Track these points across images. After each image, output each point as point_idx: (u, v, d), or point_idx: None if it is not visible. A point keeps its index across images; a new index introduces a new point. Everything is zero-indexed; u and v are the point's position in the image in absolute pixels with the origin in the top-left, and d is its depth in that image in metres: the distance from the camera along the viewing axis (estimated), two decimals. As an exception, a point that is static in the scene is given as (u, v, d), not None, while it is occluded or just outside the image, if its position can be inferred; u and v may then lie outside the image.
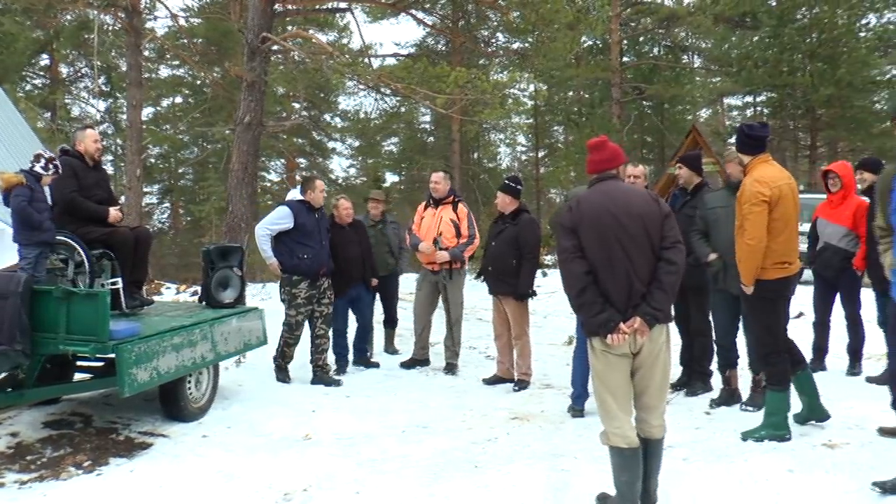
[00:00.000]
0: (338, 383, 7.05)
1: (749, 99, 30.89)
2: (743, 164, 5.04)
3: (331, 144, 32.76)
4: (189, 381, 5.71)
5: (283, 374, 7.07)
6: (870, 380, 6.46)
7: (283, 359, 7.08)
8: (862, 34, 22.78)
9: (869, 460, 4.37)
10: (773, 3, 23.57)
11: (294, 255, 6.84)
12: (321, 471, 4.51)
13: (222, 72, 19.92)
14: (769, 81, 23.06)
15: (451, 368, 7.55)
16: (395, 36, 62.73)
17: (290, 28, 18.60)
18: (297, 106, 27.48)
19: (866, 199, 6.24)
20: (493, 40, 28.94)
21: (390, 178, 32.93)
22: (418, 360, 7.82)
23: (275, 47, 12.41)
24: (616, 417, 3.69)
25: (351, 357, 7.86)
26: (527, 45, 24.42)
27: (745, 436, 4.97)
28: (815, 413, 5.16)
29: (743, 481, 4.13)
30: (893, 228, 3.76)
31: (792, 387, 5.06)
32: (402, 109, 27.87)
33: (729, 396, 5.92)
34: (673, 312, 3.88)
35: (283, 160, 29.56)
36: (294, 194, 7.35)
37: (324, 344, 7.17)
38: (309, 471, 4.51)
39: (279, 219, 6.92)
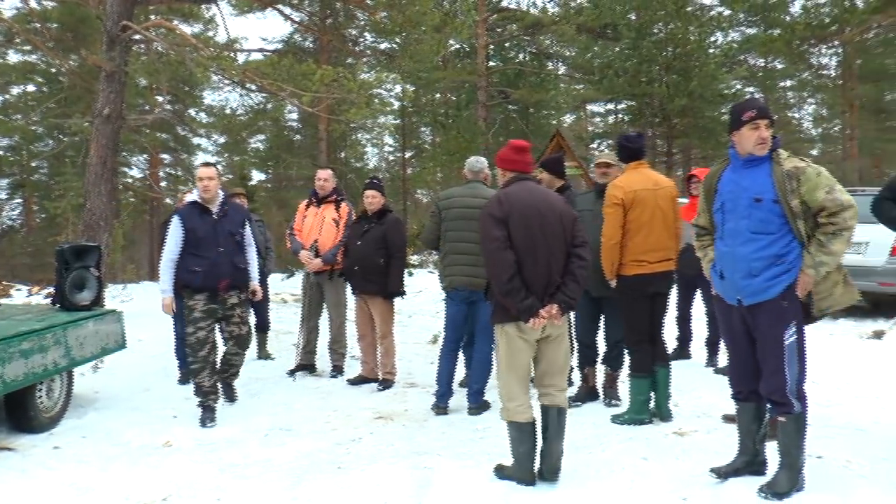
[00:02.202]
0: (231, 398, 6.31)
1: (610, 106, 32.27)
2: (621, 170, 5.55)
3: (195, 140, 31.75)
4: (40, 390, 5.44)
5: (208, 415, 5.75)
6: (717, 371, 6.99)
7: (200, 394, 5.78)
8: (711, 51, 24.22)
9: (714, 446, 4.74)
10: (633, 17, 24.67)
11: (185, 269, 5.76)
12: (181, 479, 4.42)
13: (79, 60, 18.95)
14: (629, 90, 24.11)
15: (338, 370, 7.45)
16: (262, 31, 61.49)
17: (152, 17, 17.92)
18: (160, 99, 26.46)
19: None
20: (361, 40, 28.89)
21: (257, 177, 32.31)
22: (306, 364, 7.54)
23: (136, 37, 11.90)
24: (518, 397, 4.15)
25: None
26: (394, 45, 24.54)
27: (612, 419, 5.48)
28: (660, 411, 5.54)
29: (600, 471, 4.38)
30: (716, 227, 4.08)
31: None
32: (269, 106, 27.39)
33: (587, 393, 6.20)
34: None
35: (145, 155, 28.40)
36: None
37: (234, 367, 6.25)
38: (168, 479, 4.41)
39: (173, 234, 5.82)
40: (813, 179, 3.74)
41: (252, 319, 7.91)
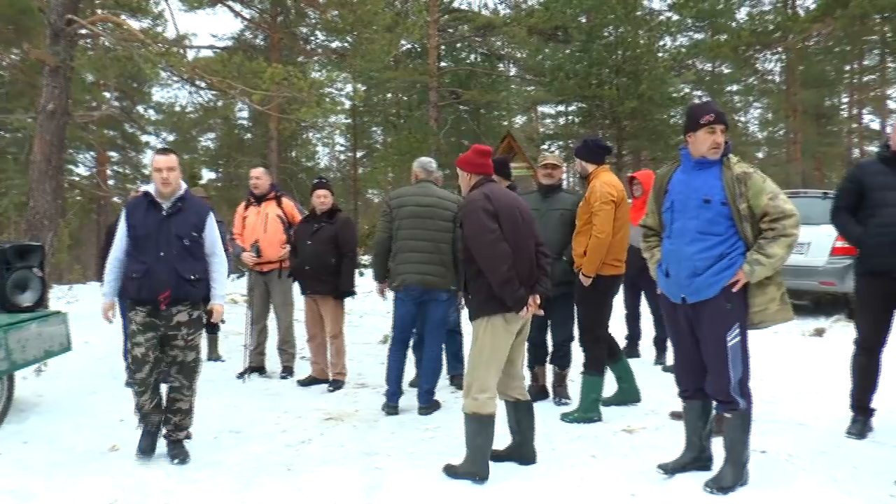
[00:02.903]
0: (183, 459, 4.80)
1: (561, 108, 32.52)
2: (586, 171, 5.67)
3: (144, 138, 31.18)
4: (-22, 393, 5.31)
5: (145, 443, 4.81)
6: (665, 369, 7.12)
7: (141, 417, 4.83)
8: (660, 54, 24.62)
9: (661, 442, 4.83)
10: (583, 20, 24.92)
11: (126, 273, 4.80)
12: (128, 483, 4.33)
13: (22, 54, 18.48)
14: (579, 92, 24.30)
15: (288, 371, 7.40)
16: (212, 27, 60.60)
17: (99, 11, 17.55)
18: (107, 95, 25.95)
19: None
20: (312, 38, 28.69)
21: (207, 175, 31.88)
22: (255, 367, 7.46)
23: (82, 31, 11.65)
24: (491, 389, 4.30)
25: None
26: (345, 45, 24.43)
27: (562, 417, 5.56)
28: (631, 395, 5.88)
29: (550, 468, 4.43)
30: (664, 226, 4.17)
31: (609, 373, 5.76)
32: (219, 104, 27.06)
33: (537, 392, 6.24)
34: None
35: (92, 153, 27.83)
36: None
37: (180, 401, 4.85)
38: (115, 484, 4.31)
39: (119, 230, 4.91)
40: (759, 185, 3.85)
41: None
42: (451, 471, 4.31)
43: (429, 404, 5.95)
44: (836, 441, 4.82)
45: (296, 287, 7.25)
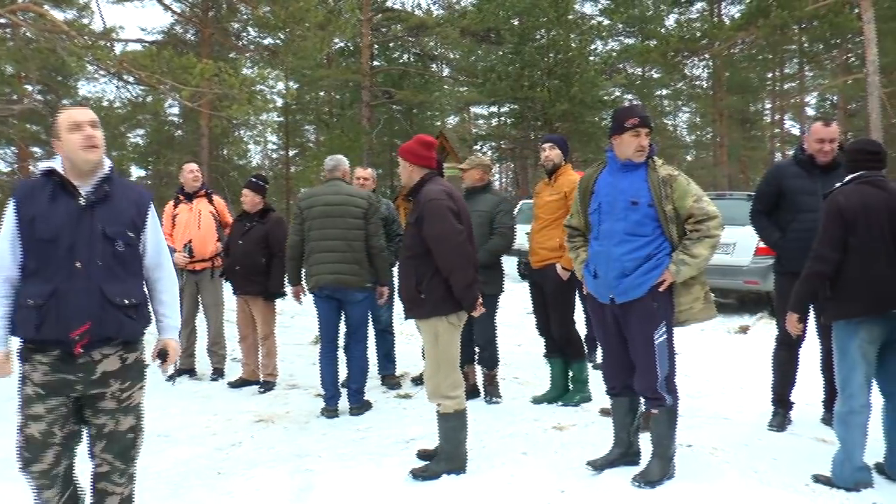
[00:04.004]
0: None
1: (493, 109, 32.78)
2: (560, 164, 5.91)
3: (69, 133, 30.21)
4: None
5: None
6: (595, 366, 7.21)
7: None
8: (591, 58, 25.07)
9: (591, 439, 4.91)
10: (516, 23, 25.18)
11: (18, 299, 3.02)
12: (49, 489, 4.20)
13: (-68, 43, 17.74)
14: (511, 94, 24.57)
15: (219, 373, 7.26)
16: (141, 20, 59.14)
17: (20, 0, 16.94)
18: (29, 88, 25.12)
19: None
20: (244, 34, 28.28)
21: (136, 173, 31.14)
22: (185, 369, 7.25)
23: (0, 20, 11.24)
24: (462, 384, 4.41)
25: None
26: (277, 42, 24.18)
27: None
28: (565, 398, 5.95)
29: (481, 466, 4.45)
30: (591, 227, 4.23)
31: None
32: (148, 99, 26.42)
33: (469, 391, 6.25)
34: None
35: (13, 148, 26.86)
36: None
37: (111, 494, 3.16)
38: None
39: (6, 228, 3.02)
40: (683, 187, 3.97)
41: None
42: (426, 473, 4.26)
43: (360, 404, 5.92)
44: (757, 434, 4.98)
45: (227, 287, 7.13)
